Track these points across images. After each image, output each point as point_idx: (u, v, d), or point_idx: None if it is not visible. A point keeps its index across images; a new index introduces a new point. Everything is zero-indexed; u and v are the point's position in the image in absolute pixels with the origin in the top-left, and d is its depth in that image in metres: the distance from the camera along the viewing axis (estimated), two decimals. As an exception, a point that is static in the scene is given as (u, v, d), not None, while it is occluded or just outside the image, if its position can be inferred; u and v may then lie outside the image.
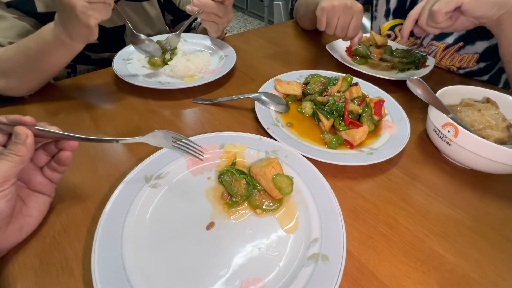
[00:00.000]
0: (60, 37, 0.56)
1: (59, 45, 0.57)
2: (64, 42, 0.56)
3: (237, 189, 0.44)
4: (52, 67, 0.62)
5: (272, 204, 0.44)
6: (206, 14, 0.74)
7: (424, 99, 0.55)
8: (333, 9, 0.73)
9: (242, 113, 0.64)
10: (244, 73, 0.79)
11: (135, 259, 0.36)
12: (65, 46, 0.58)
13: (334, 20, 0.74)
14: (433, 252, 0.41)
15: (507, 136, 0.52)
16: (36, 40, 0.58)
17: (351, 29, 0.75)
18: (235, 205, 0.43)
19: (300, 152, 0.51)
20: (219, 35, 0.87)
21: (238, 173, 0.45)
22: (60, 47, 0.57)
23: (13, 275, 0.36)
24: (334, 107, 0.59)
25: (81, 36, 0.56)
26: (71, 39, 0.56)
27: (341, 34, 0.77)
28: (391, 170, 0.53)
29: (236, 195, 0.44)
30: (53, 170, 0.39)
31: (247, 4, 3.84)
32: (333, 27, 0.75)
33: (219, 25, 0.79)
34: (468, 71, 0.84)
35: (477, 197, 0.49)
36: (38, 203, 0.38)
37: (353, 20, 0.74)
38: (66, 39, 0.56)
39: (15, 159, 0.32)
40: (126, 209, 0.41)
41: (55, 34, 0.56)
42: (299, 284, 0.35)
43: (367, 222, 0.44)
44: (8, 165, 0.32)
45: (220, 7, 0.74)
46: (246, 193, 0.44)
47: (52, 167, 0.39)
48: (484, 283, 0.38)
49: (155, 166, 0.47)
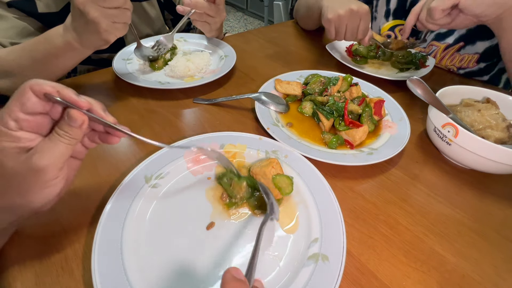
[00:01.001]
0: (71, 43, 0.56)
1: (68, 50, 0.57)
2: (74, 47, 0.57)
3: (237, 192, 0.44)
4: (58, 70, 0.63)
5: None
6: (198, 14, 0.74)
7: (424, 99, 0.55)
8: (340, 18, 0.73)
9: (242, 113, 0.64)
10: (244, 73, 0.79)
11: (135, 259, 0.36)
12: (75, 51, 0.58)
13: (342, 28, 0.75)
14: (433, 252, 0.41)
15: (507, 136, 0.52)
16: (44, 43, 0.58)
17: (360, 33, 0.76)
18: (234, 206, 0.43)
19: (300, 152, 0.51)
20: (214, 35, 0.86)
21: (237, 176, 0.45)
22: (69, 51, 0.58)
23: (13, 275, 0.36)
24: (334, 107, 0.59)
25: (95, 46, 0.57)
26: (83, 46, 0.57)
27: (351, 39, 0.77)
28: (391, 170, 0.53)
29: (235, 197, 0.43)
30: (92, 142, 0.38)
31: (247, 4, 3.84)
32: (342, 35, 0.76)
33: (212, 25, 0.78)
34: (468, 71, 0.84)
35: (477, 197, 0.49)
36: (73, 168, 0.37)
37: (361, 24, 0.74)
38: (77, 45, 0.56)
39: (71, 142, 0.31)
40: (126, 209, 0.41)
41: (65, 40, 0.56)
42: (299, 284, 0.35)
43: (367, 222, 0.44)
44: (65, 147, 0.31)
45: (212, 7, 0.73)
46: (247, 196, 0.44)
47: (92, 139, 0.37)
48: (484, 283, 0.38)
49: (155, 166, 0.47)
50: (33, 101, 0.29)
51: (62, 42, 0.56)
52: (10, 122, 0.29)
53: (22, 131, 0.30)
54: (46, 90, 0.29)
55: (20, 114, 0.29)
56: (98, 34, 0.53)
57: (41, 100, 0.30)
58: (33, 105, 0.30)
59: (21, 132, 0.30)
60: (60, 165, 0.31)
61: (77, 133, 0.31)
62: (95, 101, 0.33)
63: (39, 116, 0.31)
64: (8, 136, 0.29)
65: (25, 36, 0.65)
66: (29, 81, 0.29)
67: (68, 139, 0.31)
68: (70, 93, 0.31)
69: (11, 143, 0.29)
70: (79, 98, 0.31)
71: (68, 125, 0.31)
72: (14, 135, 0.29)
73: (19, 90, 0.29)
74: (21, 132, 0.30)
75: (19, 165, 0.29)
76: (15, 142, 0.29)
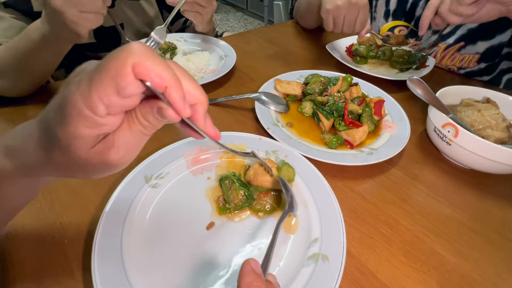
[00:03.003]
0: (46, 36, 0.54)
1: (46, 44, 0.56)
2: (49, 41, 0.55)
3: (233, 198, 0.43)
4: (41, 67, 0.61)
5: (273, 205, 0.44)
6: (189, 4, 0.72)
7: (424, 99, 0.55)
8: (338, 9, 0.73)
9: (242, 113, 0.64)
10: (244, 73, 0.79)
11: (135, 259, 0.36)
12: (51, 45, 0.56)
13: (340, 20, 0.75)
14: (433, 252, 0.41)
15: (507, 136, 0.52)
16: (24, 39, 0.57)
17: (358, 25, 0.76)
18: (226, 212, 0.43)
19: (300, 152, 0.51)
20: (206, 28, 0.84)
21: (239, 183, 0.45)
22: (46, 45, 0.56)
23: (13, 275, 0.36)
24: (334, 107, 0.59)
25: (67, 39, 0.55)
26: (57, 39, 0.55)
27: (348, 31, 0.77)
28: (391, 170, 0.53)
29: (230, 202, 0.43)
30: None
31: (247, 4, 3.84)
32: (340, 26, 0.76)
33: (204, 15, 0.76)
34: (469, 71, 0.84)
35: (477, 197, 0.49)
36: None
37: (359, 16, 0.74)
38: (53, 39, 0.55)
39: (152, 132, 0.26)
40: (126, 209, 0.41)
41: (41, 33, 0.54)
42: (299, 284, 0.35)
43: (367, 222, 0.44)
44: (145, 139, 0.26)
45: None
46: (241, 205, 0.43)
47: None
48: (484, 283, 0.38)
49: (155, 166, 0.47)
50: (135, 86, 0.22)
51: (39, 36, 0.55)
52: (100, 107, 0.22)
53: (109, 117, 0.23)
54: (152, 80, 0.21)
55: (116, 98, 0.22)
56: (65, 26, 0.50)
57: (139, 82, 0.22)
58: (134, 90, 0.22)
59: (108, 118, 0.23)
60: (135, 156, 0.26)
61: (161, 124, 0.26)
62: (201, 97, 0.25)
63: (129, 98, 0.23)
64: (90, 122, 0.22)
65: None
66: (130, 57, 0.21)
67: (151, 131, 0.25)
68: (178, 96, 0.22)
69: (92, 129, 0.23)
70: (185, 105, 0.23)
71: (156, 119, 0.24)
72: (98, 122, 0.22)
73: (115, 69, 0.21)
74: (108, 117, 0.23)
75: (91, 155, 0.24)
76: (97, 129, 0.23)
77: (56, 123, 0.23)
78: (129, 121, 0.24)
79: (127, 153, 0.25)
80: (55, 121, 0.23)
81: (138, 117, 0.24)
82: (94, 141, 0.23)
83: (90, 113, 0.22)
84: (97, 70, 0.21)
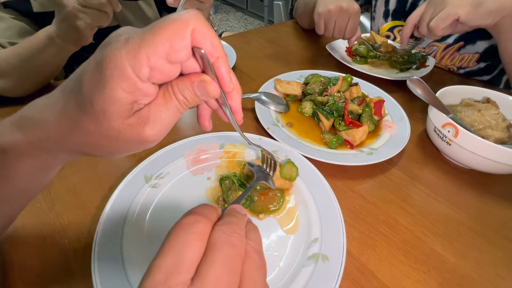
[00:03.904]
0: (51, 36, 0.56)
1: (50, 44, 0.57)
2: (54, 41, 0.57)
3: (233, 198, 0.43)
4: (44, 67, 0.62)
5: (274, 206, 0.44)
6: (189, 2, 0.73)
7: (424, 99, 0.55)
8: (329, 13, 0.75)
9: (242, 113, 0.64)
10: (244, 73, 0.79)
11: (135, 259, 0.36)
12: (55, 46, 0.58)
13: (331, 24, 0.77)
14: (433, 252, 0.41)
15: (507, 136, 0.52)
16: (31, 40, 0.58)
17: (348, 31, 0.78)
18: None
19: (300, 152, 0.51)
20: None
21: (239, 183, 0.45)
22: (51, 46, 0.58)
23: (13, 275, 0.36)
24: (334, 107, 0.59)
25: (71, 38, 0.56)
26: (62, 39, 0.56)
27: (339, 36, 0.80)
28: (391, 170, 0.53)
29: (229, 203, 0.43)
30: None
31: (247, 4, 3.84)
32: (330, 31, 0.78)
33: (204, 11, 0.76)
34: (469, 71, 0.84)
35: (477, 197, 0.49)
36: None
37: (350, 22, 0.76)
38: (57, 39, 0.56)
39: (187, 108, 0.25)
40: (126, 209, 0.41)
41: (47, 33, 0.56)
42: (299, 284, 0.35)
43: (367, 222, 0.44)
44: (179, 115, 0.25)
45: None
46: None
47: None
48: (484, 283, 0.38)
49: (155, 166, 0.47)
50: (187, 52, 0.21)
51: (45, 36, 0.57)
52: (144, 68, 0.20)
53: (148, 83, 0.21)
54: (207, 49, 0.21)
55: (162, 62, 0.20)
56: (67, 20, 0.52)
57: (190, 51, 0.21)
58: (184, 56, 0.21)
59: (147, 85, 0.21)
60: (166, 134, 0.25)
61: (198, 102, 0.25)
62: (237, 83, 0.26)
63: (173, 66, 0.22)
64: (130, 84, 0.20)
65: (23, 36, 0.65)
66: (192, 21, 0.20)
67: (185, 108, 0.24)
68: (226, 70, 0.23)
69: (129, 94, 0.21)
70: (230, 80, 0.24)
71: (193, 95, 0.24)
72: (138, 86, 0.21)
73: (174, 30, 0.20)
74: (147, 84, 0.21)
75: (125, 128, 0.22)
76: (134, 95, 0.21)
77: (90, 86, 0.21)
78: (165, 96, 0.23)
79: (161, 129, 0.23)
80: (88, 83, 0.21)
81: (175, 92, 0.23)
82: (129, 111, 0.22)
83: (133, 74, 0.20)
84: (152, 29, 0.20)
